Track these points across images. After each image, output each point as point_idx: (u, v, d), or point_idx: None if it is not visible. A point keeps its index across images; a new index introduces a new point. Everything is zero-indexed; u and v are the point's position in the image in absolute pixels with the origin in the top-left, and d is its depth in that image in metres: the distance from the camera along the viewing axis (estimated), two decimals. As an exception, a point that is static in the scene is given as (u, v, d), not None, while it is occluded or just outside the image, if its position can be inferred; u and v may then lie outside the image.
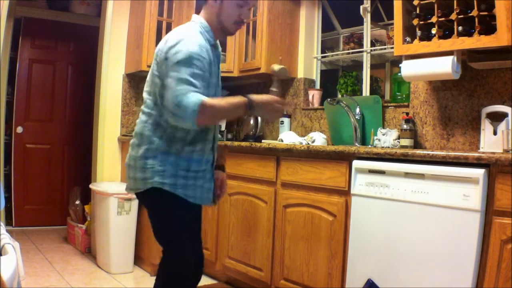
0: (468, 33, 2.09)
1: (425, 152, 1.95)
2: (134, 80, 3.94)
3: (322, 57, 3.51)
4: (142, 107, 1.83)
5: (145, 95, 1.82)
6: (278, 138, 3.16)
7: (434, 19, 2.20)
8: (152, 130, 1.76)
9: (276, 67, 2.09)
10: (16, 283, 1.27)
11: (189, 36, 1.70)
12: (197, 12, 1.90)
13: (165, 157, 1.74)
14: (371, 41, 3.15)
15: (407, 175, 2.00)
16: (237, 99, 1.67)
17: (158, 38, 3.57)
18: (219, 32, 1.83)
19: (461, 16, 2.11)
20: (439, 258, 1.85)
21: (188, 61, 1.63)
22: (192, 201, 1.79)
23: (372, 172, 2.14)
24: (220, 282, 3.12)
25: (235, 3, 1.77)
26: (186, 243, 1.82)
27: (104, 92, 3.84)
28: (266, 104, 1.69)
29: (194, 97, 1.59)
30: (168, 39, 1.73)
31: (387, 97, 3.09)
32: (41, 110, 4.69)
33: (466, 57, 2.25)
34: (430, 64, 2.25)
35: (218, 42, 1.89)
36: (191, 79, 1.61)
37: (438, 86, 2.56)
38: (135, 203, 3.36)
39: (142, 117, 1.81)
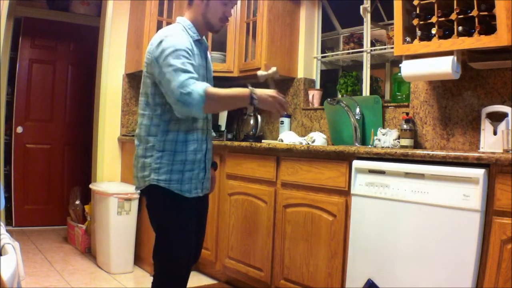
0: (468, 33, 2.09)
1: (425, 152, 1.95)
2: (134, 80, 3.93)
3: (322, 57, 3.51)
4: (138, 109, 1.91)
5: (140, 97, 1.90)
6: (278, 138, 3.16)
7: (434, 19, 2.20)
8: (147, 130, 1.84)
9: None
10: (16, 283, 1.27)
11: (172, 32, 1.79)
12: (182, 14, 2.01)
13: (160, 154, 1.81)
14: (371, 41, 3.15)
15: (407, 175, 2.00)
16: (240, 89, 1.76)
17: (158, 38, 3.57)
18: (204, 29, 1.92)
19: (461, 16, 2.11)
20: (439, 258, 1.85)
21: (176, 53, 1.71)
22: (188, 196, 1.83)
23: (372, 172, 2.14)
24: (220, 282, 3.12)
25: (220, 2, 1.87)
26: (179, 241, 1.82)
27: (104, 92, 3.84)
28: (268, 98, 1.76)
29: (198, 84, 1.68)
30: (152, 41, 1.82)
31: (387, 97, 3.09)
32: (41, 110, 4.69)
33: (466, 57, 2.25)
34: (430, 64, 2.25)
35: (204, 38, 1.97)
36: (186, 68, 1.70)
37: (438, 86, 2.56)
38: (135, 203, 3.36)
39: (138, 119, 1.90)
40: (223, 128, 3.83)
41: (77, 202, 4.04)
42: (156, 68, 1.74)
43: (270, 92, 1.77)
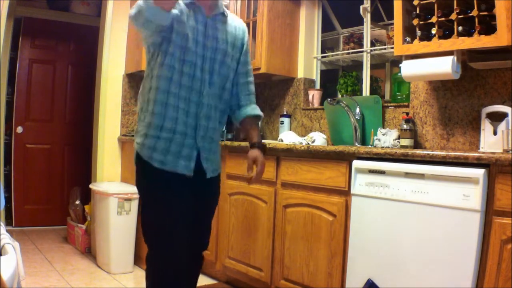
0: (468, 33, 2.09)
1: (425, 152, 1.95)
2: (134, 80, 3.94)
3: (322, 57, 3.51)
4: None
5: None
6: (278, 138, 3.16)
7: (434, 19, 2.20)
8: (141, 94, 1.83)
9: None
10: (16, 283, 1.27)
11: None
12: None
13: (143, 116, 1.78)
14: (371, 41, 3.15)
15: (407, 175, 2.00)
16: None
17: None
18: None
19: (461, 16, 2.11)
20: (439, 258, 1.85)
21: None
22: (158, 166, 1.72)
23: (372, 172, 2.14)
24: (220, 282, 3.12)
25: None
26: (157, 216, 1.72)
27: (104, 92, 3.84)
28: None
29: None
30: None
31: (387, 97, 3.09)
32: (41, 110, 4.69)
33: (466, 57, 2.25)
34: (430, 64, 2.25)
35: (217, 10, 1.85)
36: None
37: (438, 86, 2.56)
38: (135, 203, 3.36)
39: None
40: (223, 128, 3.83)
41: (77, 202, 4.04)
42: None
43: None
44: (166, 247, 1.72)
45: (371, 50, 3.12)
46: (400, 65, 2.47)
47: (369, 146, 2.79)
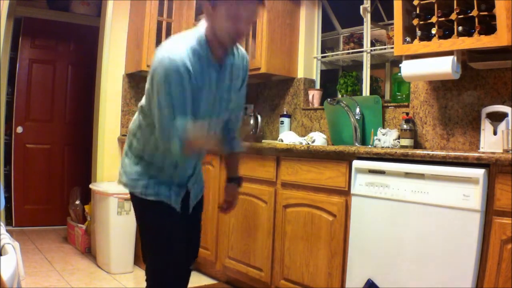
0: (468, 33, 2.09)
1: (425, 152, 1.95)
2: (134, 80, 3.94)
3: (322, 57, 3.51)
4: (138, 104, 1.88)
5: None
6: (278, 138, 3.16)
7: (434, 19, 2.20)
8: (136, 135, 1.82)
9: None
10: (16, 283, 1.27)
11: (173, 50, 1.60)
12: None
13: (137, 160, 1.79)
14: (371, 41, 3.15)
15: (407, 175, 2.00)
16: (215, 145, 1.75)
17: (158, 38, 3.57)
18: (219, 45, 1.67)
19: (461, 16, 2.11)
20: (439, 258, 1.85)
21: (166, 80, 1.56)
22: (154, 199, 1.76)
23: (372, 172, 2.14)
24: (220, 282, 3.12)
25: (227, 14, 1.58)
26: (162, 242, 1.78)
27: (104, 92, 3.84)
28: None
29: (176, 133, 1.58)
30: (156, 53, 1.67)
31: (387, 97, 3.09)
32: (41, 110, 4.69)
33: (466, 57, 2.25)
34: (430, 64, 2.25)
35: (233, 51, 1.78)
36: (172, 102, 1.58)
37: (438, 86, 2.56)
38: (135, 203, 3.35)
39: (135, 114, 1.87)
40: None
41: (77, 202, 4.04)
42: (149, 84, 1.66)
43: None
44: (173, 263, 1.79)
45: (371, 50, 3.12)
46: (400, 65, 2.47)
47: (369, 146, 2.79)
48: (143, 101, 1.79)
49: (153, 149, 1.76)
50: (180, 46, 1.61)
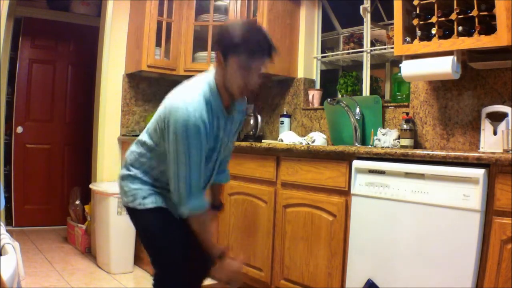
0: (468, 33, 2.09)
1: (425, 152, 1.95)
2: (134, 80, 3.94)
3: (322, 57, 3.51)
4: (140, 135, 1.87)
5: (148, 126, 1.84)
6: (278, 138, 3.16)
7: (434, 19, 2.20)
8: (135, 159, 1.84)
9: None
10: (16, 283, 1.27)
11: (189, 101, 1.61)
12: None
13: (138, 184, 1.82)
14: (371, 41, 3.15)
15: (407, 175, 2.00)
16: (214, 246, 1.81)
17: (158, 38, 3.57)
18: (226, 93, 1.70)
19: (461, 16, 2.11)
20: (439, 258, 1.85)
21: (185, 135, 1.58)
22: (152, 206, 1.79)
23: (372, 172, 2.14)
24: (220, 282, 3.12)
25: (238, 66, 1.60)
26: (166, 244, 1.82)
27: (104, 92, 3.84)
28: (227, 272, 1.83)
29: (187, 206, 1.68)
30: (167, 102, 1.68)
31: (387, 97, 3.09)
32: (41, 110, 4.69)
33: (466, 57, 2.25)
34: (430, 64, 2.25)
35: (241, 101, 1.85)
36: (190, 163, 1.62)
37: (438, 86, 2.56)
38: (135, 203, 3.35)
39: (133, 144, 1.88)
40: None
41: (77, 202, 4.05)
42: (164, 138, 1.67)
43: (234, 268, 1.85)
44: (180, 264, 1.82)
45: (371, 50, 3.12)
46: (400, 65, 2.47)
47: (369, 146, 2.79)
48: (145, 137, 1.81)
49: (158, 174, 1.81)
50: (195, 96, 1.62)
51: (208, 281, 3.13)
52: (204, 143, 1.64)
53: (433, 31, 2.21)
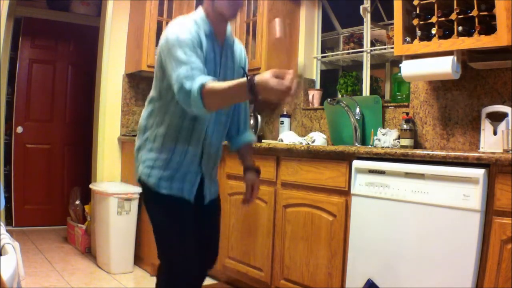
0: (468, 33, 2.09)
1: (425, 152, 1.95)
2: (134, 80, 3.94)
3: (322, 57, 3.51)
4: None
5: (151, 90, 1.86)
6: (278, 138, 3.16)
7: (434, 19, 2.20)
8: (145, 122, 1.83)
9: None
10: (16, 283, 1.27)
11: (179, 24, 1.72)
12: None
13: (150, 146, 1.78)
14: (371, 41, 3.15)
15: (407, 175, 2.00)
16: (238, 81, 1.56)
17: (158, 38, 3.56)
18: (219, 20, 1.78)
19: (461, 16, 2.11)
20: (439, 258, 1.85)
21: (179, 44, 1.64)
22: (165, 192, 1.76)
23: (372, 172, 2.14)
24: (220, 282, 3.12)
25: None
26: (173, 239, 1.78)
27: (104, 92, 3.84)
28: (268, 84, 1.46)
29: (197, 81, 1.56)
30: (163, 34, 1.77)
31: (387, 97, 3.09)
32: (41, 110, 4.69)
33: (466, 57, 2.25)
34: (430, 64, 2.25)
35: (229, 32, 1.86)
36: (188, 58, 1.61)
37: (438, 86, 2.56)
38: (135, 203, 3.36)
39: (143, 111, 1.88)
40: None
41: (77, 202, 4.04)
42: (162, 60, 1.71)
43: (268, 74, 1.45)
44: (184, 262, 1.79)
45: (371, 50, 3.12)
46: (400, 65, 2.47)
47: (369, 146, 2.79)
48: (151, 93, 1.83)
49: (173, 135, 1.75)
50: (185, 22, 1.72)
51: (208, 281, 3.13)
52: (199, 51, 1.67)
53: (433, 31, 2.21)
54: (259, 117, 3.58)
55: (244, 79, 1.51)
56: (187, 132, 1.77)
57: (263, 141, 3.47)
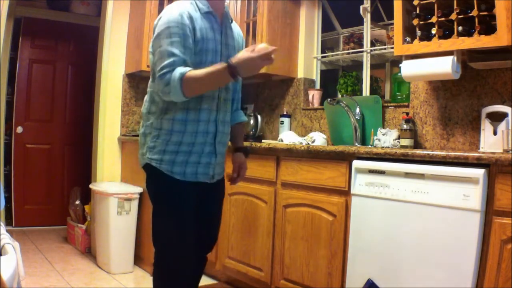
0: (468, 33, 2.10)
1: (425, 152, 1.95)
2: (134, 80, 3.94)
3: (322, 57, 3.51)
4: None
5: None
6: (278, 138, 3.17)
7: (434, 19, 2.20)
8: (148, 108, 1.82)
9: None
10: (16, 283, 1.27)
11: (173, 6, 1.74)
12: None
13: (157, 132, 1.78)
14: (371, 41, 3.15)
15: (407, 175, 2.00)
16: (217, 66, 1.65)
17: (158, 38, 3.57)
18: None
19: (461, 16, 2.11)
20: (439, 258, 1.85)
21: (166, 30, 1.67)
22: (180, 178, 1.76)
23: (372, 172, 2.14)
24: (220, 282, 3.12)
25: None
26: (171, 223, 1.77)
27: (104, 92, 3.84)
28: (247, 61, 1.60)
29: (177, 71, 1.62)
30: (159, 14, 1.79)
31: (387, 97, 3.09)
32: (41, 110, 4.69)
33: (466, 57, 2.25)
34: (430, 64, 2.25)
35: (227, 11, 1.89)
36: (170, 48, 1.65)
37: (438, 86, 2.56)
38: (135, 203, 3.36)
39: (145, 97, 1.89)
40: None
41: (77, 202, 4.04)
42: (151, 49, 1.75)
43: (246, 53, 1.60)
44: (178, 250, 1.78)
45: (371, 50, 3.12)
46: (400, 65, 2.47)
47: (369, 146, 2.79)
48: (150, 79, 1.83)
49: (172, 111, 1.75)
50: (181, 5, 1.74)
51: (208, 281, 3.13)
52: (190, 37, 1.69)
53: (433, 31, 2.21)
54: (259, 117, 3.58)
55: (223, 64, 1.61)
56: (195, 112, 1.76)
57: (263, 141, 3.47)
